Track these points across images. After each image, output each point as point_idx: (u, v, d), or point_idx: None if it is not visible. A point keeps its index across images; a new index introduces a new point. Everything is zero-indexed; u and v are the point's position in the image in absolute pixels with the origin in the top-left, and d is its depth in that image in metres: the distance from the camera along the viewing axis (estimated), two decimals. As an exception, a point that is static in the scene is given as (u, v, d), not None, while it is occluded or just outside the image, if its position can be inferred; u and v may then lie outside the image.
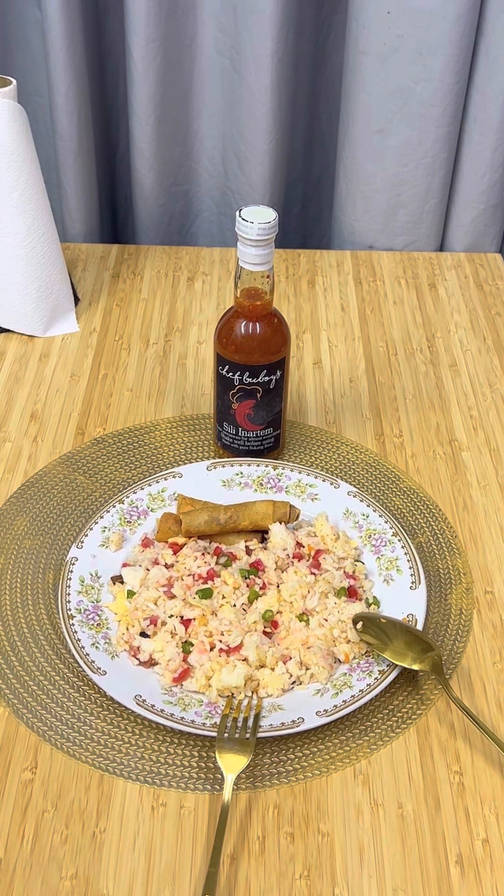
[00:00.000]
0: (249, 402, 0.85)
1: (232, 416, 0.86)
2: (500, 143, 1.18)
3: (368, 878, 0.61)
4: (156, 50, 1.15)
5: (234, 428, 0.87)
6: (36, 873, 0.61)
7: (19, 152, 0.98)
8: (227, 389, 0.85)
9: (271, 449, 0.90)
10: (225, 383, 0.85)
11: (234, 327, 0.83)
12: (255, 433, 0.87)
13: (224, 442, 0.89)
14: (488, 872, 0.61)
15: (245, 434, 0.87)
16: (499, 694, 0.72)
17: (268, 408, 0.86)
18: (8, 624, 0.76)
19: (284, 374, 0.85)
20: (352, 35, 1.14)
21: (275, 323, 0.83)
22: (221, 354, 0.84)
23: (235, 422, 0.86)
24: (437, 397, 1.01)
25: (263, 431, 0.87)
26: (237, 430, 0.87)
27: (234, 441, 0.88)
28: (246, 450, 0.89)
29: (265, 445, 0.89)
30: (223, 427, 0.88)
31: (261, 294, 0.81)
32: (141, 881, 0.60)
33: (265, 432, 0.87)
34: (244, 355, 0.82)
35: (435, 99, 1.14)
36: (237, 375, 0.83)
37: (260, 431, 0.87)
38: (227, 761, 0.64)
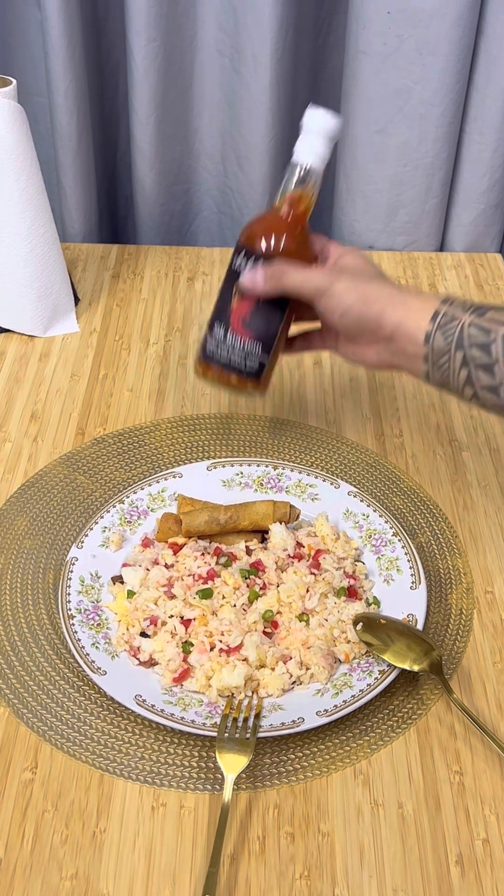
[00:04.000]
0: (249, 303, 0.79)
1: (226, 316, 0.80)
2: (500, 143, 1.18)
3: (369, 878, 0.61)
4: (156, 50, 1.15)
5: (223, 330, 0.80)
6: (36, 873, 0.61)
7: (19, 152, 0.98)
8: (232, 284, 0.80)
9: (252, 374, 0.82)
10: (231, 277, 0.80)
11: (270, 217, 0.79)
12: (242, 342, 0.80)
13: (207, 350, 0.82)
14: (488, 872, 0.61)
15: (232, 340, 0.80)
16: (499, 694, 0.72)
17: (266, 319, 0.80)
18: (8, 624, 0.76)
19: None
20: (352, 35, 1.14)
21: (310, 238, 0.80)
22: (242, 243, 0.79)
23: (228, 321, 0.80)
24: (437, 397, 1.01)
25: (251, 345, 0.80)
26: (226, 333, 0.80)
27: (218, 347, 0.81)
28: (226, 363, 0.81)
29: (248, 364, 0.81)
30: (213, 330, 0.81)
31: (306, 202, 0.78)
32: (141, 881, 0.60)
33: (253, 347, 0.80)
34: (267, 242, 0.78)
35: (435, 99, 1.14)
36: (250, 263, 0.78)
37: (248, 342, 0.80)
38: (228, 761, 0.64)
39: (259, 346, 0.80)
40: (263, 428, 0.96)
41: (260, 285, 0.77)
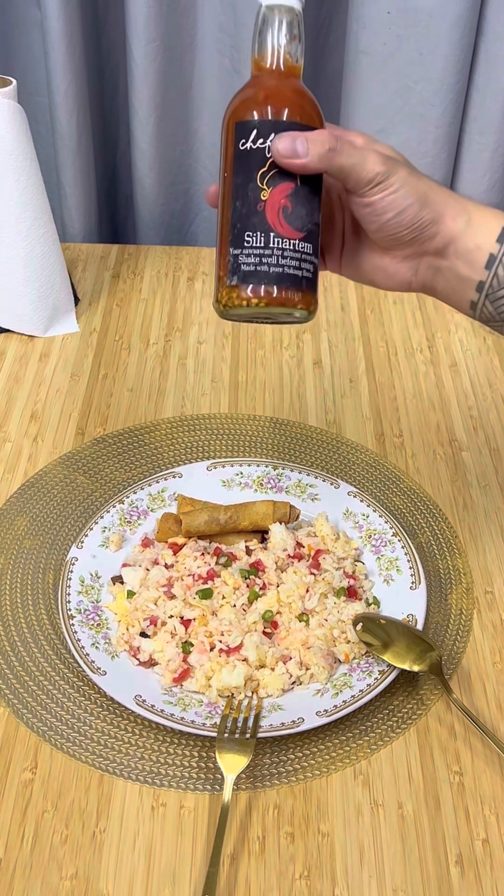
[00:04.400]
0: (287, 187, 0.60)
1: (260, 216, 0.61)
2: (500, 143, 1.18)
3: (368, 878, 0.61)
4: (156, 50, 1.15)
5: (261, 235, 0.61)
6: (36, 873, 0.61)
7: (19, 152, 0.98)
8: (254, 170, 0.60)
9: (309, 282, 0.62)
10: (250, 162, 0.61)
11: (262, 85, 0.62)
12: (291, 242, 0.61)
13: (243, 270, 0.61)
14: (488, 872, 0.61)
15: (279, 242, 0.61)
16: (499, 694, 0.72)
17: (307, 205, 0.61)
18: (8, 624, 0.76)
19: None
20: (352, 35, 1.13)
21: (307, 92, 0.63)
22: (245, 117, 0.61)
23: (265, 223, 0.61)
24: (437, 397, 1.01)
25: (303, 244, 0.61)
26: (268, 238, 0.61)
27: (262, 259, 0.61)
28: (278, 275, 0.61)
29: (303, 270, 0.62)
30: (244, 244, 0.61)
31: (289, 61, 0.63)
32: (141, 881, 0.60)
33: (305, 246, 0.61)
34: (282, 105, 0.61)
35: (435, 99, 1.14)
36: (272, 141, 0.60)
37: (299, 242, 0.61)
38: (227, 761, 0.64)
39: (310, 244, 0.62)
40: (263, 428, 0.96)
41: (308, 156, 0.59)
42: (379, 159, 0.60)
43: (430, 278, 0.64)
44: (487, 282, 0.61)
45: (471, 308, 0.63)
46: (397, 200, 0.60)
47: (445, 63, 1.12)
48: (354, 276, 0.67)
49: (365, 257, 0.65)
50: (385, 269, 0.65)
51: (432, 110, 1.15)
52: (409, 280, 0.65)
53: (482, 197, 1.22)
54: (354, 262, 0.66)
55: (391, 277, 0.65)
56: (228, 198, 0.62)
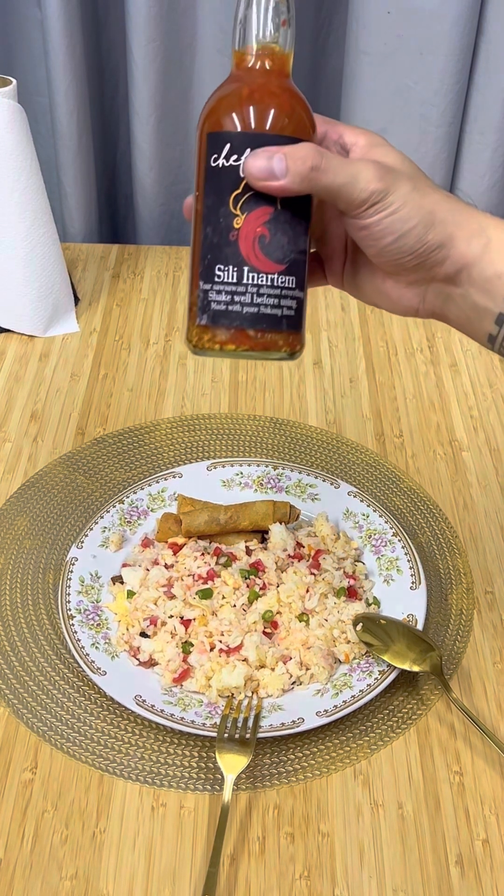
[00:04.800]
0: (265, 211, 0.52)
1: (233, 247, 0.52)
2: (500, 143, 1.18)
3: (368, 878, 0.61)
4: (156, 50, 1.15)
5: (234, 270, 0.52)
6: (36, 873, 0.61)
7: (19, 152, 0.98)
8: (227, 191, 0.52)
9: (291, 321, 0.54)
10: (221, 182, 0.52)
11: (240, 86, 0.53)
12: (270, 279, 0.52)
13: (212, 309, 0.53)
14: (488, 873, 0.61)
15: (256, 279, 0.52)
16: (499, 694, 0.72)
17: (290, 232, 0.53)
18: (8, 624, 0.76)
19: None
20: (352, 35, 1.13)
21: (297, 93, 0.54)
22: (218, 127, 0.52)
23: (238, 255, 0.52)
24: (437, 397, 1.01)
25: (283, 278, 0.53)
26: (241, 273, 0.52)
27: (234, 298, 0.53)
28: (252, 315, 0.53)
29: (283, 308, 0.54)
30: (213, 279, 0.53)
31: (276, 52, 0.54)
32: (141, 881, 0.60)
33: (285, 280, 0.53)
34: (264, 113, 0.52)
35: (435, 99, 1.14)
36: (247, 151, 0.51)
37: (278, 277, 0.53)
38: (227, 761, 0.64)
39: (292, 276, 0.54)
40: (263, 428, 0.96)
41: (287, 177, 0.50)
42: (374, 174, 0.51)
43: (440, 306, 0.56)
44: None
45: (489, 341, 0.55)
46: (396, 223, 0.52)
47: (445, 63, 1.12)
48: (356, 296, 0.60)
49: (366, 279, 0.58)
50: (388, 294, 0.58)
51: (432, 110, 1.15)
52: (415, 307, 0.58)
53: (482, 197, 1.22)
54: (356, 281, 0.59)
55: (395, 303, 0.58)
56: (199, 221, 0.54)
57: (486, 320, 0.54)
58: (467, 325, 0.56)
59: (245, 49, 0.54)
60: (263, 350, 0.54)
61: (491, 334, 0.55)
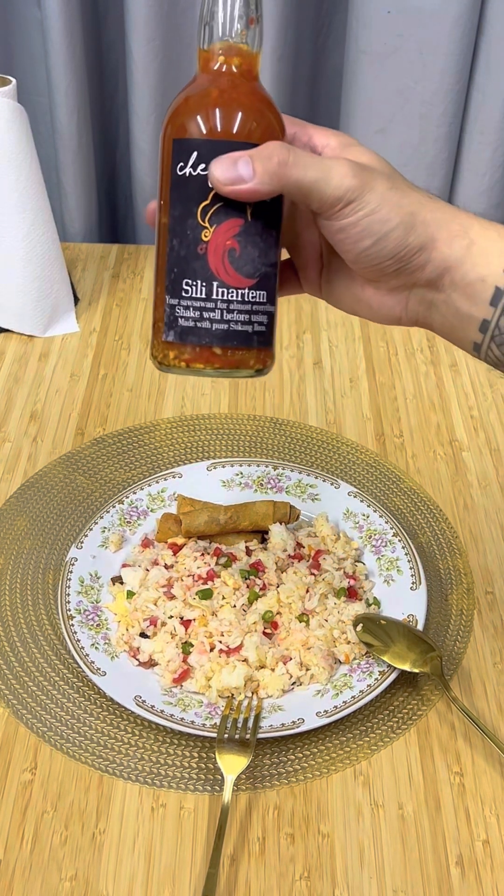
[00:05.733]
0: (234, 224, 0.50)
1: (201, 261, 0.51)
2: (500, 142, 1.18)
3: (369, 878, 0.61)
4: (156, 49, 1.15)
5: (203, 285, 0.51)
6: (35, 874, 0.60)
7: (19, 152, 0.98)
8: (194, 202, 0.50)
9: (261, 337, 0.53)
10: (188, 192, 0.50)
11: (208, 89, 0.51)
12: (240, 294, 0.51)
13: (179, 325, 0.51)
14: (488, 873, 0.61)
15: (226, 294, 0.51)
16: (499, 695, 0.72)
17: (261, 244, 0.51)
18: (8, 624, 0.76)
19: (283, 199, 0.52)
20: (352, 34, 1.13)
21: (266, 97, 0.52)
22: (184, 133, 0.50)
23: (207, 270, 0.51)
24: (437, 397, 1.01)
25: (254, 293, 0.51)
26: (210, 288, 0.51)
27: (202, 314, 0.51)
28: (221, 332, 0.51)
29: (254, 324, 0.52)
30: (180, 294, 0.51)
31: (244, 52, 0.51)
32: (141, 882, 0.60)
33: (255, 295, 0.52)
34: (232, 118, 0.50)
35: (435, 99, 1.14)
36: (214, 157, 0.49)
37: (249, 292, 0.51)
38: (227, 762, 0.64)
39: (262, 291, 0.52)
40: (263, 428, 0.96)
41: (256, 177, 0.48)
42: (348, 170, 0.48)
43: (423, 314, 0.54)
44: (493, 321, 0.50)
45: (474, 349, 0.53)
46: (375, 224, 0.49)
47: (446, 63, 1.12)
48: (336, 305, 0.57)
49: (345, 287, 0.55)
50: (369, 303, 0.55)
51: (432, 110, 1.15)
52: (398, 315, 0.55)
53: (482, 197, 1.22)
54: (335, 291, 0.56)
55: (376, 312, 0.55)
56: (164, 232, 0.51)
57: (471, 328, 0.51)
58: (451, 333, 0.53)
59: (211, 49, 0.51)
60: (233, 368, 0.52)
61: (476, 342, 0.52)
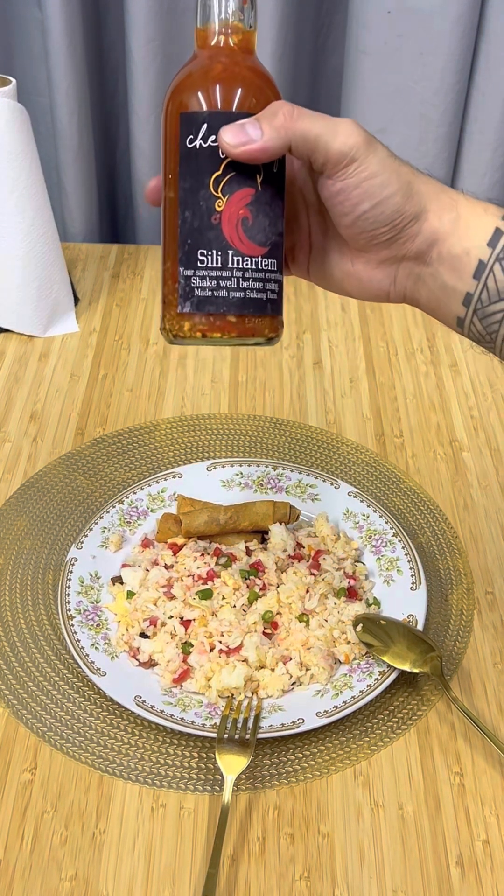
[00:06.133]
0: (246, 193, 0.51)
1: (216, 231, 0.51)
2: (500, 142, 1.18)
3: (369, 879, 0.61)
4: (156, 49, 1.15)
5: (219, 254, 0.52)
6: (35, 874, 0.60)
7: (19, 152, 0.98)
8: (206, 173, 0.51)
9: (273, 304, 0.54)
10: (199, 164, 0.51)
11: (211, 64, 0.52)
12: (254, 262, 0.52)
13: (199, 293, 0.53)
14: (489, 873, 0.61)
15: (241, 263, 0.52)
16: (499, 695, 0.72)
17: (270, 213, 0.53)
18: (8, 624, 0.76)
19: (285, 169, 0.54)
20: (352, 34, 1.13)
21: (264, 70, 0.54)
22: (193, 107, 0.51)
23: (222, 239, 0.52)
24: (437, 397, 1.01)
25: (266, 261, 0.53)
26: (226, 257, 0.52)
27: (219, 283, 0.52)
28: (238, 300, 0.52)
29: (267, 292, 0.53)
30: (196, 265, 0.52)
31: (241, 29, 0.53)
32: (141, 882, 0.60)
33: (268, 263, 0.53)
34: (237, 91, 0.51)
35: (435, 99, 1.14)
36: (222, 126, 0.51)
37: (262, 260, 0.52)
38: (227, 762, 0.64)
39: (273, 259, 0.53)
40: (263, 428, 0.96)
41: (265, 134, 0.49)
42: (354, 128, 0.49)
43: (410, 288, 0.54)
44: (476, 294, 0.51)
45: (458, 325, 0.53)
46: (375, 187, 0.50)
47: (446, 63, 1.12)
48: (324, 284, 0.58)
49: (335, 263, 0.56)
50: (358, 277, 0.55)
51: (432, 110, 1.15)
52: (386, 290, 0.55)
53: (481, 197, 1.22)
54: (324, 268, 0.57)
55: (366, 286, 0.55)
56: (175, 205, 0.52)
57: (455, 301, 0.52)
58: (437, 308, 0.54)
59: (209, 27, 0.53)
60: (249, 336, 0.53)
61: (459, 317, 0.52)
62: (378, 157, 0.50)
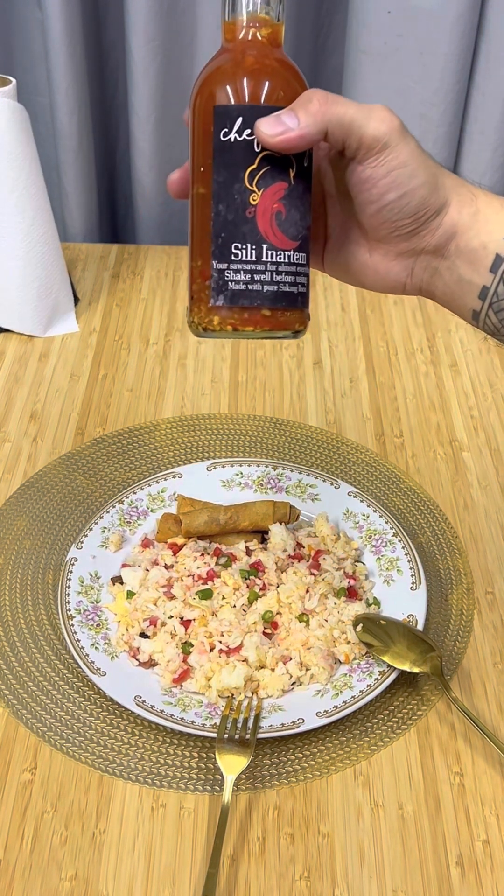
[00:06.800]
0: (280, 187, 0.52)
1: (250, 224, 0.52)
2: (500, 142, 1.18)
3: (369, 878, 0.61)
4: (156, 49, 1.15)
5: (253, 248, 0.52)
6: (35, 874, 0.60)
7: (19, 152, 0.98)
8: (241, 167, 0.52)
9: (303, 297, 0.55)
10: (234, 157, 0.52)
11: (243, 57, 0.53)
12: (287, 255, 0.53)
13: (234, 286, 0.53)
14: (488, 873, 0.61)
15: (274, 256, 0.52)
16: (499, 695, 0.72)
17: (301, 207, 0.53)
18: (8, 624, 0.76)
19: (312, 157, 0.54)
20: (352, 34, 1.13)
21: (292, 63, 0.55)
22: (227, 101, 0.52)
23: (257, 232, 0.52)
24: (437, 397, 1.01)
25: (297, 255, 0.53)
26: (261, 251, 0.52)
27: (253, 276, 0.52)
28: (272, 292, 0.53)
29: (298, 285, 0.54)
30: (229, 256, 0.52)
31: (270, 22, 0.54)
32: (140, 882, 0.60)
33: (299, 257, 0.54)
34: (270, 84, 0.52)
35: (435, 98, 1.14)
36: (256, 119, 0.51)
37: (293, 254, 0.53)
38: (227, 762, 0.64)
39: (303, 253, 0.54)
40: (263, 428, 0.96)
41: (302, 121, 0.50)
42: (388, 115, 0.50)
43: (427, 281, 0.55)
44: (492, 288, 0.52)
45: (473, 318, 0.54)
46: (403, 177, 0.51)
47: (446, 63, 1.12)
48: (339, 276, 0.58)
49: (352, 253, 0.56)
50: (375, 268, 0.56)
51: (432, 110, 1.15)
52: (402, 282, 0.56)
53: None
54: (340, 258, 0.57)
55: (382, 278, 0.56)
56: (207, 199, 0.52)
57: (470, 294, 0.53)
58: (452, 301, 0.55)
59: (241, 20, 0.53)
60: (280, 329, 0.54)
61: (475, 310, 0.54)
62: (409, 147, 0.51)
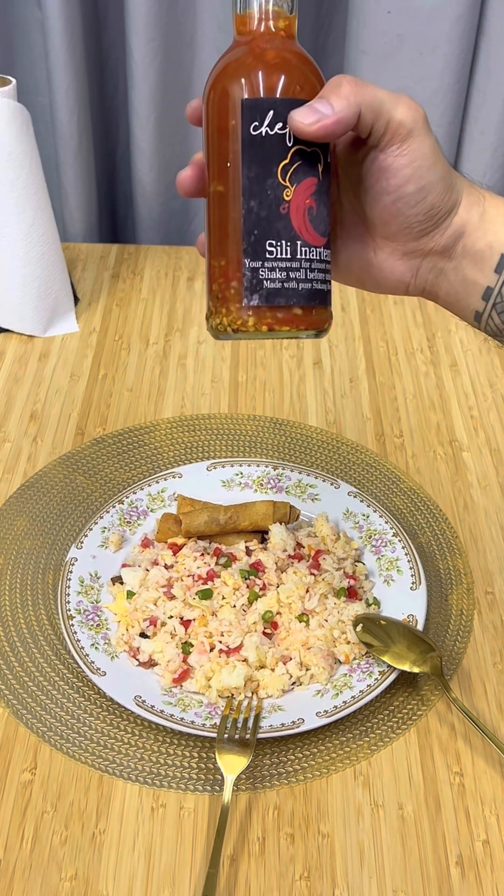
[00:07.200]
0: (311, 182, 0.51)
1: (285, 220, 0.51)
2: (500, 142, 1.18)
3: (369, 878, 0.61)
4: (156, 49, 1.15)
5: (288, 245, 0.51)
6: (35, 874, 0.60)
7: (19, 152, 0.98)
8: (274, 162, 0.50)
9: (328, 294, 0.54)
10: (266, 152, 0.50)
11: (261, 47, 0.52)
12: (318, 252, 0.52)
13: (269, 285, 0.51)
14: (488, 873, 0.61)
15: (308, 253, 0.51)
16: (499, 695, 0.72)
17: (327, 203, 0.53)
18: (8, 624, 0.76)
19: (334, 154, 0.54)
20: (352, 34, 1.13)
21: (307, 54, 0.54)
22: (256, 94, 0.51)
23: (291, 229, 0.51)
24: (437, 397, 1.01)
25: (326, 251, 0.53)
26: (295, 247, 0.51)
27: (289, 274, 0.51)
28: (307, 290, 0.52)
29: (328, 283, 0.53)
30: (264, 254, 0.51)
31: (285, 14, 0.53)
32: (140, 882, 0.60)
33: (327, 254, 0.53)
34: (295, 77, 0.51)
35: (435, 98, 1.14)
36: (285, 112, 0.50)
37: (323, 250, 0.52)
38: (227, 762, 0.64)
39: (329, 249, 0.53)
40: (263, 428, 0.96)
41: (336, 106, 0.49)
42: (413, 104, 0.50)
43: (431, 282, 0.55)
44: (496, 288, 0.52)
45: (475, 319, 0.54)
46: (424, 169, 0.50)
47: (446, 62, 1.12)
48: (341, 276, 0.58)
49: (355, 252, 0.56)
50: (380, 268, 0.55)
51: (432, 110, 1.15)
52: (406, 282, 0.56)
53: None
54: (343, 257, 0.57)
55: (386, 278, 0.56)
56: (237, 195, 0.51)
57: (474, 295, 0.53)
58: (455, 302, 0.55)
59: (256, 12, 0.53)
60: (313, 327, 0.53)
61: (477, 311, 0.54)
62: (431, 140, 0.51)
